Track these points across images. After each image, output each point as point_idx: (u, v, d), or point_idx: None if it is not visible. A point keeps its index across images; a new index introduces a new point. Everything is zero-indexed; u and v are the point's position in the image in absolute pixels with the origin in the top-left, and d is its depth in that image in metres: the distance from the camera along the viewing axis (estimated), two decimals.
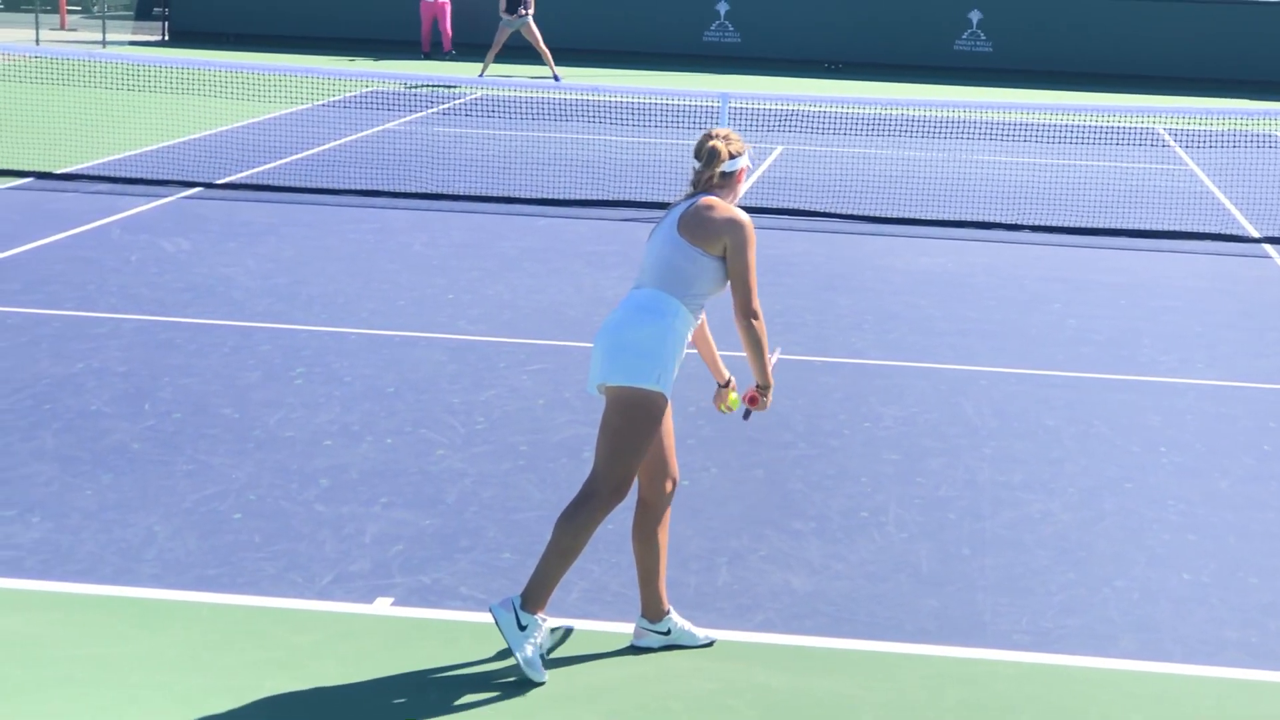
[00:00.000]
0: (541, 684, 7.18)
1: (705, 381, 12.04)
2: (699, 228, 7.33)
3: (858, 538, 9.16)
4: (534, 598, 7.26)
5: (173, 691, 6.97)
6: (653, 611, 7.60)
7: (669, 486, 7.51)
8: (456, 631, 7.72)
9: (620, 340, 7.32)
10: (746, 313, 7.46)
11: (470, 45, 38.28)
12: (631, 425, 7.24)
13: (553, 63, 32.54)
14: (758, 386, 7.86)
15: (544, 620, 7.30)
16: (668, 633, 7.60)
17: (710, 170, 7.49)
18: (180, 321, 13.26)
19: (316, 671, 7.20)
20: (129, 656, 7.31)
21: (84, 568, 8.32)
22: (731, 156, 7.53)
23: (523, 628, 7.21)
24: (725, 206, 7.42)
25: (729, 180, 7.54)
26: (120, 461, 9.92)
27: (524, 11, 32.41)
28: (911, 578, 8.61)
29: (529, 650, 7.19)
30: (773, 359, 7.84)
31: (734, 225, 7.33)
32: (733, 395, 8.06)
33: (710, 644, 7.66)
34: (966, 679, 7.47)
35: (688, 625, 7.67)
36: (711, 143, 7.52)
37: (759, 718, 6.97)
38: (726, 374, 8.14)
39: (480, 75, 31.14)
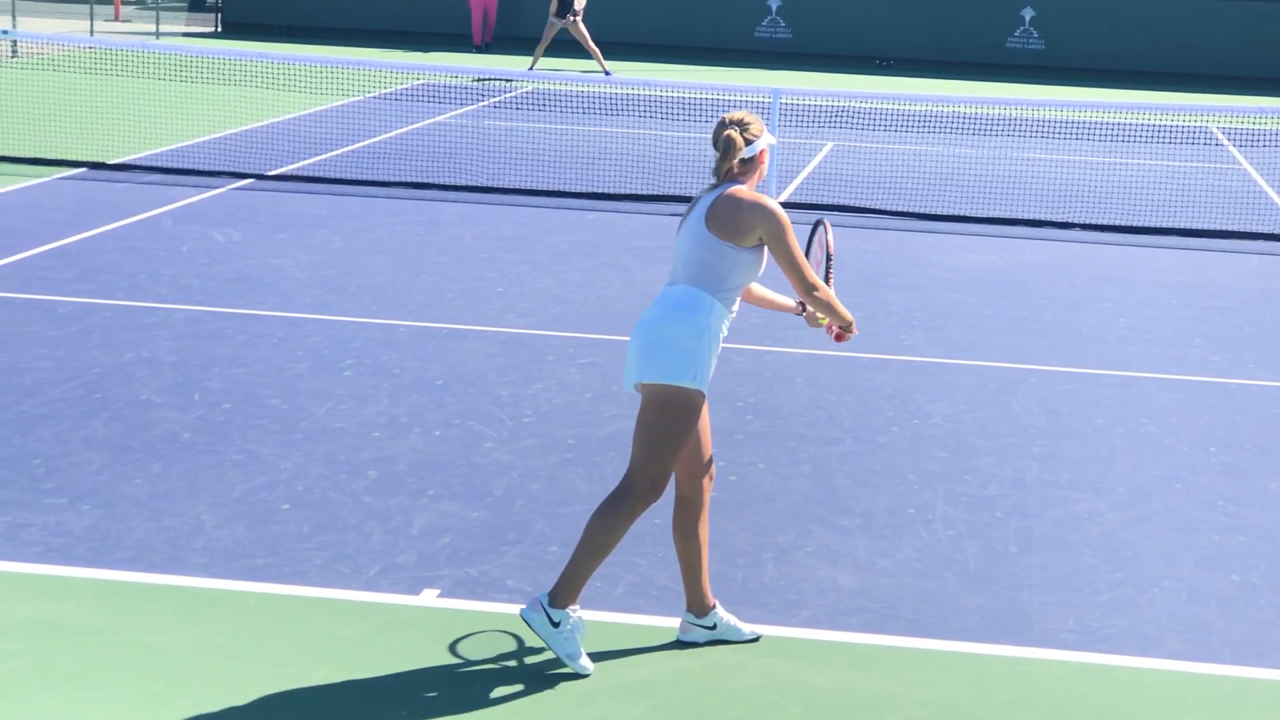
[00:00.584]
0: (587, 675, 7.19)
1: (752, 377, 12.07)
2: (729, 222, 7.27)
3: (904, 535, 9.14)
4: (563, 593, 7.25)
5: (221, 680, 7.01)
6: (698, 606, 7.59)
7: (707, 483, 7.50)
8: (503, 624, 7.73)
9: (655, 337, 7.28)
10: (808, 290, 7.48)
11: (515, 39, 38.37)
12: (669, 423, 7.21)
13: (602, 59, 32.60)
14: (840, 327, 7.83)
15: (576, 611, 7.30)
16: (713, 627, 7.59)
17: (729, 160, 7.43)
18: (230, 312, 13.31)
19: (363, 662, 7.22)
20: (177, 644, 7.35)
21: (133, 556, 8.36)
22: (748, 142, 7.45)
23: (555, 624, 7.21)
24: (752, 196, 7.36)
25: (750, 165, 7.49)
26: (170, 450, 9.97)
27: (572, 16, 32.50)
28: (958, 575, 8.60)
29: (568, 644, 7.20)
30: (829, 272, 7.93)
31: (765, 214, 7.27)
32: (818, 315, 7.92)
33: (756, 639, 7.66)
34: (1014, 678, 7.45)
35: (733, 620, 7.66)
36: (727, 132, 7.44)
37: (804, 714, 6.96)
38: (794, 302, 8.08)
39: (530, 69, 31.21)
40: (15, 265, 14.59)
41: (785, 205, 19.33)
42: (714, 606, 7.60)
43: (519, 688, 7.09)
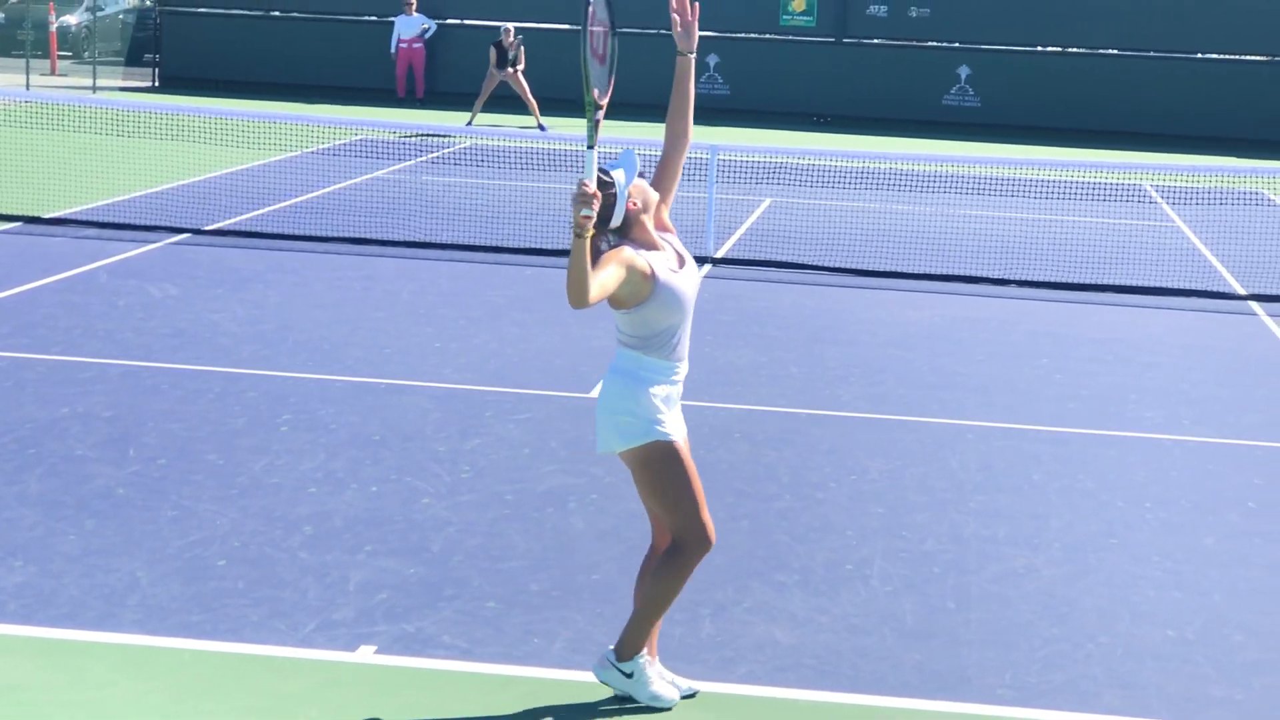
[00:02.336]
0: (674, 704, 7.48)
1: (690, 432, 12.04)
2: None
3: (842, 590, 9.15)
4: (629, 648, 7.41)
5: None
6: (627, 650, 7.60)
7: None
8: (440, 680, 7.70)
9: (604, 407, 7.36)
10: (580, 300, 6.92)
11: (449, 95, 38.58)
12: (658, 478, 7.32)
13: (539, 113, 32.71)
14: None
15: (645, 656, 7.44)
16: (630, 675, 7.52)
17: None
18: (166, 367, 13.25)
19: (301, 719, 7.18)
20: (113, 702, 7.28)
21: (67, 612, 8.29)
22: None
23: (629, 675, 7.40)
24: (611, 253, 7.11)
25: (626, 227, 7.28)
26: (104, 506, 9.90)
27: (511, 69, 32.66)
28: (896, 631, 8.60)
29: (649, 689, 7.42)
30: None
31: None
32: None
33: (693, 695, 7.64)
34: None
35: (658, 682, 7.54)
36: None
37: None
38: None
39: (468, 124, 31.29)
40: None
41: (722, 261, 19.41)
42: (643, 656, 7.54)
43: None
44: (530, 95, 32.79)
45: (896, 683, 7.96)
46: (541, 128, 31.82)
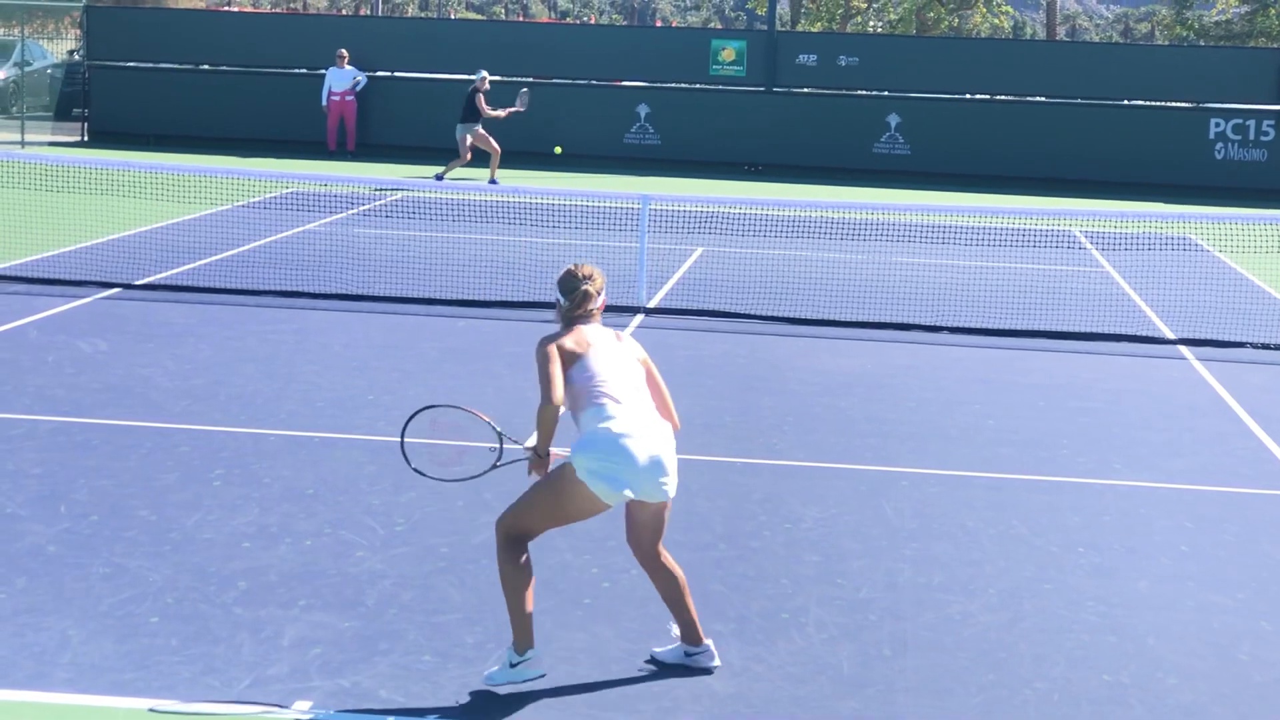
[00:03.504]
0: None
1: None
2: None
3: (778, 639, 9.14)
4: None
5: None
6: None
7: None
8: None
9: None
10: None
11: (380, 147, 38.77)
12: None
13: (496, 168, 32.61)
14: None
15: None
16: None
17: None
18: (97, 423, 13.17)
19: None
20: None
21: None
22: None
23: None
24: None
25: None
26: (35, 564, 9.82)
27: (479, 126, 32.50)
28: (833, 679, 8.60)
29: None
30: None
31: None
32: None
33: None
34: None
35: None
36: (585, 287, 8.88)
37: None
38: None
39: (440, 178, 31.31)
40: None
41: (655, 311, 19.42)
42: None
43: None
44: (495, 145, 32.68)
45: None
46: (493, 181, 31.74)
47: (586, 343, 8.50)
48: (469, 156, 32.87)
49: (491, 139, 32.69)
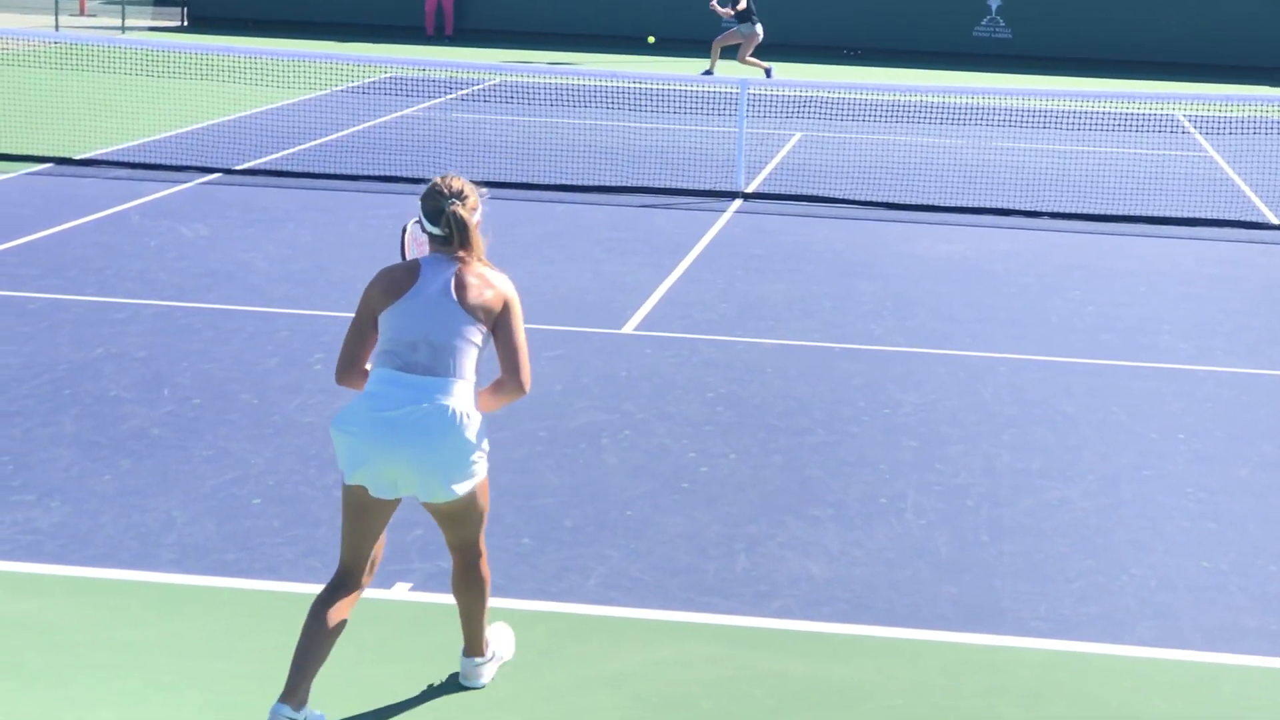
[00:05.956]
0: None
1: (723, 368, 12.06)
2: (480, 303, 6.84)
3: (876, 524, 9.15)
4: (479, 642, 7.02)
5: (193, 676, 6.98)
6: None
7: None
8: None
9: (467, 448, 6.81)
10: (521, 386, 7.01)
11: (478, 32, 38.68)
12: (482, 501, 6.92)
13: (761, 63, 30.86)
14: None
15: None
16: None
17: (465, 237, 6.99)
18: (199, 307, 13.27)
19: (336, 656, 7.18)
20: (149, 641, 7.32)
21: (103, 552, 8.33)
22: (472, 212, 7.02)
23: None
24: (498, 272, 6.98)
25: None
26: (139, 446, 9.93)
27: (753, 19, 30.52)
28: (930, 564, 8.60)
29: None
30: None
31: (511, 291, 6.97)
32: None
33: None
34: (988, 666, 7.46)
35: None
36: (452, 208, 6.97)
37: (778, 705, 6.96)
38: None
39: (708, 72, 29.87)
40: None
41: (753, 196, 19.36)
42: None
43: (493, 680, 7.08)
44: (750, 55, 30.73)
45: (931, 616, 7.97)
46: (769, 73, 30.27)
47: (403, 287, 6.74)
48: (753, 61, 30.99)
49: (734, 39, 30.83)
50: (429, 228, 6.80)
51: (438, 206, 6.84)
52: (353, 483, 6.43)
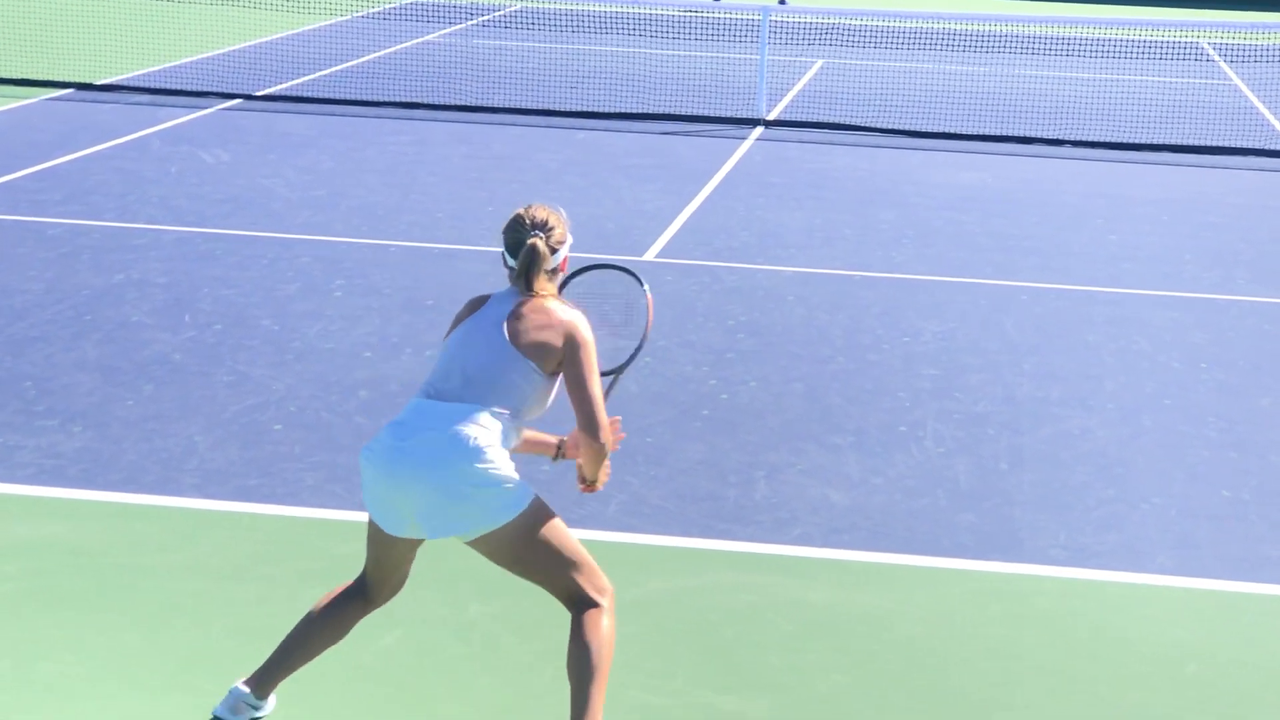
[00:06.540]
0: None
1: (744, 295, 12.05)
2: (539, 342, 5.97)
3: (896, 452, 9.15)
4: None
5: (216, 600, 7.01)
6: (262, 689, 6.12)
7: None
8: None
9: (487, 480, 5.87)
10: (595, 429, 5.98)
11: None
12: (547, 536, 6.00)
13: None
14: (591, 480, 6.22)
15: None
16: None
17: (535, 273, 6.13)
18: (220, 233, 13.27)
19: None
20: (172, 565, 7.35)
21: (125, 477, 8.36)
22: (554, 250, 6.23)
23: None
24: (567, 309, 6.09)
25: (554, 276, 6.28)
26: (161, 372, 9.95)
27: None
28: (950, 493, 8.61)
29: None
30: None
31: (579, 331, 6.03)
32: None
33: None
34: (1008, 594, 7.47)
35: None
36: (531, 241, 6.16)
37: (798, 631, 6.98)
38: (554, 440, 6.44)
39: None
40: (3, 187, 14.54)
41: (774, 124, 19.31)
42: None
43: (516, 607, 7.09)
44: None
45: (950, 544, 7.98)
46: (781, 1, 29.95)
47: (467, 315, 6.12)
48: None
49: None
50: (509, 262, 6.17)
51: (518, 239, 6.18)
52: (368, 513, 5.97)
